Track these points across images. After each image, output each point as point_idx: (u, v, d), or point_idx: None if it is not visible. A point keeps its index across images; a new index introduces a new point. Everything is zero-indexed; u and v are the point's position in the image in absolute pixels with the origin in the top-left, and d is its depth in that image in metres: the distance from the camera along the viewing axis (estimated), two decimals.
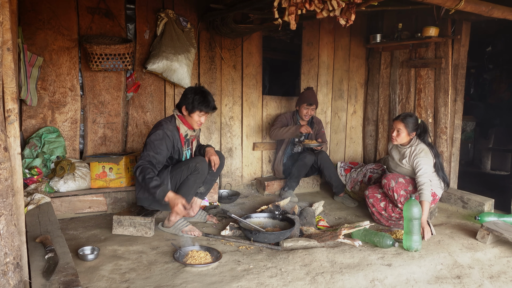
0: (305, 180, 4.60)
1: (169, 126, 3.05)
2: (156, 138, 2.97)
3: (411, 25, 4.52)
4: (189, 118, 3.07)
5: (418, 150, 3.31)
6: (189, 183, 3.05)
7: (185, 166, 3.03)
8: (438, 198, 3.46)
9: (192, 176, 3.05)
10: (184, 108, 3.04)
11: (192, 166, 3.02)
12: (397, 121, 3.39)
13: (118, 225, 3.04)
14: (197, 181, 3.08)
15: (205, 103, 3.01)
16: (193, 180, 3.05)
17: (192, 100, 2.99)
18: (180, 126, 3.10)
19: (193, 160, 3.05)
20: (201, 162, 3.05)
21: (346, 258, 2.65)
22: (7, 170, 1.55)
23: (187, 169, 3.03)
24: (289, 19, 2.54)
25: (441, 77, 4.24)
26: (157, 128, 3.04)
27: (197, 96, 3.00)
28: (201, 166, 3.04)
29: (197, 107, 3.00)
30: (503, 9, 3.18)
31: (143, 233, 3.03)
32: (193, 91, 3.03)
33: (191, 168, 3.03)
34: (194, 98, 2.99)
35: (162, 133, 2.99)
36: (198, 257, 2.56)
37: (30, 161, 3.42)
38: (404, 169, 3.42)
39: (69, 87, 3.79)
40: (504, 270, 2.63)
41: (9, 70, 1.70)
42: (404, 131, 3.34)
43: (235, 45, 4.46)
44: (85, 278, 2.33)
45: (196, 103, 2.99)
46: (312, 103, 4.24)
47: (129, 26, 4.01)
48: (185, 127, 3.12)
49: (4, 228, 1.53)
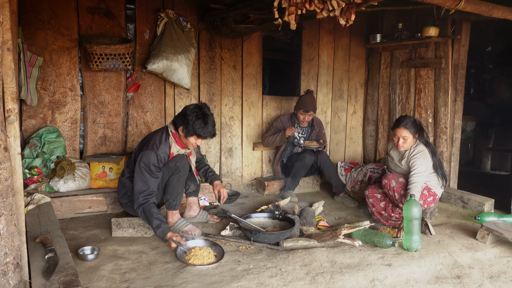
0: (305, 180, 4.60)
1: (161, 146, 2.90)
2: (150, 162, 2.83)
3: (411, 25, 4.52)
4: (184, 139, 2.93)
5: (416, 151, 3.31)
6: (173, 183, 3.01)
7: (165, 167, 2.97)
8: (438, 198, 3.46)
9: (174, 176, 3.00)
10: (181, 129, 2.88)
11: (173, 166, 2.97)
12: (400, 129, 3.32)
13: (117, 227, 3.04)
14: (181, 179, 3.02)
15: (205, 130, 2.83)
16: (176, 179, 3.00)
17: (192, 124, 2.81)
18: (172, 144, 2.96)
19: (173, 160, 2.99)
20: (180, 160, 2.99)
21: (346, 258, 2.65)
22: (7, 170, 1.55)
23: (167, 170, 2.98)
24: (289, 19, 2.54)
25: (441, 77, 4.24)
26: (150, 149, 2.86)
27: (198, 121, 2.80)
28: (181, 164, 2.98)
29: (196, 133, 2.84)
30: (503, 9, 3.18)
31: (142, 233, 3.03)
32: (194, 114, 2.82)
33: (171, 168, 2.98)
34: (195, 122, 2.80)
35: (157, 158, 2.86)
36: (201, 256, 2.56)
37: (30, 161, 3.42)
38: (403, 170, 3.42)
39: (69, 87, 3.79)
40: (504, 270, 2.63)
41: (9, 70, 1.70)
42: (409, 136, 3.33)
43: (235, 45, 4.46)
44: (85, 278, 2.33)
45: (196, 128, 2.81)
46: (308, 110, 4.20)
47: (129, 26, 4.01)
48: (178, 146, 2.99)
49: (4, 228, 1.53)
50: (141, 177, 2.85)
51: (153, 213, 2.78)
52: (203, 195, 3.90)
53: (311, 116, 4.28)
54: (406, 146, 3.37)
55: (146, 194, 2.84)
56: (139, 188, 2.84)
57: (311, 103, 4.23)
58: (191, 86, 4.24)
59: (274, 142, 4.33)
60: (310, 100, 4.23)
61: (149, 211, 2.79)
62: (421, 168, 3.23)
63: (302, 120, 4.28)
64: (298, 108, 4.27)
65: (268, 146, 4.46)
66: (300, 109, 4.23)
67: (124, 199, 3.11)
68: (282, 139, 4.28)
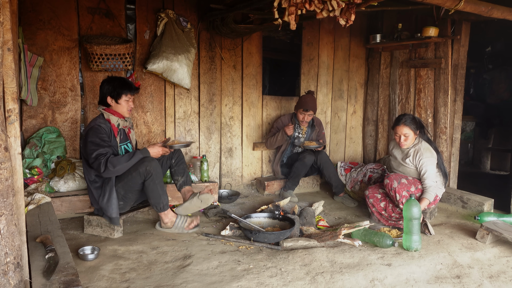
0: (305, 180, 4.61)
1: (99, 120, 2.97)
2: (95, 133, 2.87)
3: (411, 25, 4.52)
4: (117, 106, 3.02)
5: (422, 149, 3.31)
6: (150, 188, 2.94)
7: (136, 173, 2.89)
8: (439, 199, 3.46)
9: (148, 180, 2.92)
10: (109, 98, 3.00)
11: (143, 171, 2.89)
12: (400, 127, 3.33)
13: (88, 225, 3.07)
14: (157, 181, 2.95)
15: (127, 85, 3.01)
16: (151, 183, 2.93)
17: (113, 87, 2.97)
18: (110, 117, 3.01)
19: (142, 165, 2.89)
20: (149, 163, 2.91)
21: (346, 258, 2.65)
22: (8, 170, 1.55)
23: (138, 175, 2.90)
24: (289, 19, 2.55)
25: (441, 77, 4.24)
26: (88, 127, 2.95)
27: (115, 82, 2.99)
28: (151, 167, 2.90)
29: (122, 91, 2.98)
30: (502, 9, 3.19)
31: (108, 234, 3.01)
32: (109, 80, 3.01)
33: (142, 174, 2.90)
34: (114, 84, 2.98)
35: (97, 126, 2.89)
36: None
37: (31, 161, 3.43)
38: (407, 168, 3.41)
39: (70, 87, 3.79)
40: (504, 269, 2.63)
41: (9, 70, 1.70)
42: (410, 132, 3.33)
43: (235, 45, 4.46)
44: (86, 278, 2.33)
45: (119, 89, 2.97)
46: (308, 109, 4.21)
47: (129, 26, 4.01)
48: (115, 117, 3.03)
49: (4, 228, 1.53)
50: (96, 148, 2.83)
51: (120, 156, 2.85)
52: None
53: (311, 116, 4.28)
54: (408, 144, 3.36)
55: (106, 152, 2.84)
56: (97, 155, 2.81)
57: (311, 103, 4.24)
58: (191, 86, 4.24)
59: (277, 142, 4.34)
60: (310, 100, 4.24)
61: (116, 158, 2.82)
62: (432, 169, 3.24)
63: (301, 120, 4.28)
64: (298, 107, 4.28)
65: (272, 147, 4.47)
66: (300, 108, 4.24)
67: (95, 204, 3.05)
68: (283, 138, 4.28)
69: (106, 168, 2.79)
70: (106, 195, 2.91)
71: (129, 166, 2.88)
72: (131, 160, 2.88)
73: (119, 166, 2.83)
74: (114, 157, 2.84)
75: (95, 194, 2.97)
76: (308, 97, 4.26)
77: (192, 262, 2.57)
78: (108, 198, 2.91)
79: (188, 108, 4.32)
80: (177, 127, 4.29)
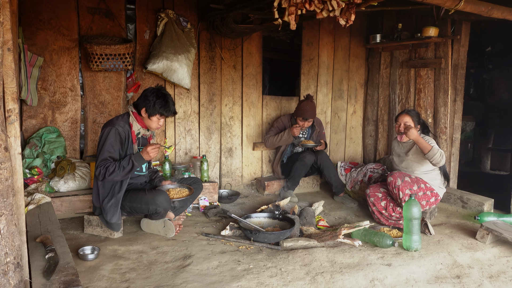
0: (305, 180, 4.61)
1: (120, 122, 2.94)
2: (108, 138, 2.86)
3: (411, 25, 4.52)
4: (147, 120, 2.98)
5: (426, 138, 3.33)
6: (154, 219, 3.11)
7: (145, 206, 2.96)
8: (440, 199, 3.47)
9: (154, 216, 3.06)
10: (144, 110, 2.94)
11: (153, 209, 2.95)
12: (402, 115, 3.41)
13: (88, 225, 3.08)
14: (159, 218, 3.09)
15: (166, 107, 2.93)
16: (156, 217, 3.09)
17: (154, 103, 2.90)
18: (133, 123, 2.99)
19: (153, 203, 2.93)
20: (161, 204, 2.94)
21: (346, 258, 2.65)
22: (8, 170, 1.55)
23: (146, 209, 2.97)
24: (289, 19, 2.55)
25: (441, 77, 4.24)
26: (107, 125, 2.94)
27: (158, 100, 2.90)
28: (162, 208, 2.97)
29: (158, 111, 2.92)
30: (502, 9, 3.19)
31: (108, 234, 3.02)
32: (154, 94, 2.93)
33: (151, 210, 2.97)
34: (156, 102, 2.90)
35: (116, 132, 2.88)
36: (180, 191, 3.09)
37: (31, 161, 3.43)
38: (410, 162, 3.41)
39: (70, 87, 3.79)
40: (504, 269, 2.64)
41: (9, 70, 1.70)
42: (411, 123, 3.35)
43: (235, 45, 4.46)
44: (86, 277, 2.33)
45: (157, 107, 2.90)
46: (307, 118, 4.17)
47: (129, 26, 4.01)
48: (139, 125, 3.01)
49: (4, 228, 1.53)
50: (102, 151, 2.85)
51: (118, 162, 2.82)
52: (203, 195, 3.90)
53: (310, 123, 4.26)
54: (410, 135, 3.30)
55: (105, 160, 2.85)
56: (101, 157, 2.85)
57: (310, 111, 4.17)
58: (191, 86, 4.24)
59: (281, 141, 4.29)
60: (309, 108, 4.17)
61: (112, 165, 2.81)
62: (435, 145, 3.25)
63: (301, 126, 4.26)
64: (297, 115, 4.23)
65: (272, 146, 4.45)
66: (299, 116, 4.20)
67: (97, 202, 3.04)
68: (289, 138, 4.24)
69: (104, 178, 2.83)
70: (112, 202, 2.88)
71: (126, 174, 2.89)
72: (124, 172, 2.84)
73: (116, 178, 2.85)
74: (112, 169, 2.80)
75: (101, 193, 2.93)
76: (307, 105, 4.18)
77: (192, 262, 2.57)
78: (113, 205, 2.89)
79: (188, 108, 4.32)
80: (177, 127, 4.30)
